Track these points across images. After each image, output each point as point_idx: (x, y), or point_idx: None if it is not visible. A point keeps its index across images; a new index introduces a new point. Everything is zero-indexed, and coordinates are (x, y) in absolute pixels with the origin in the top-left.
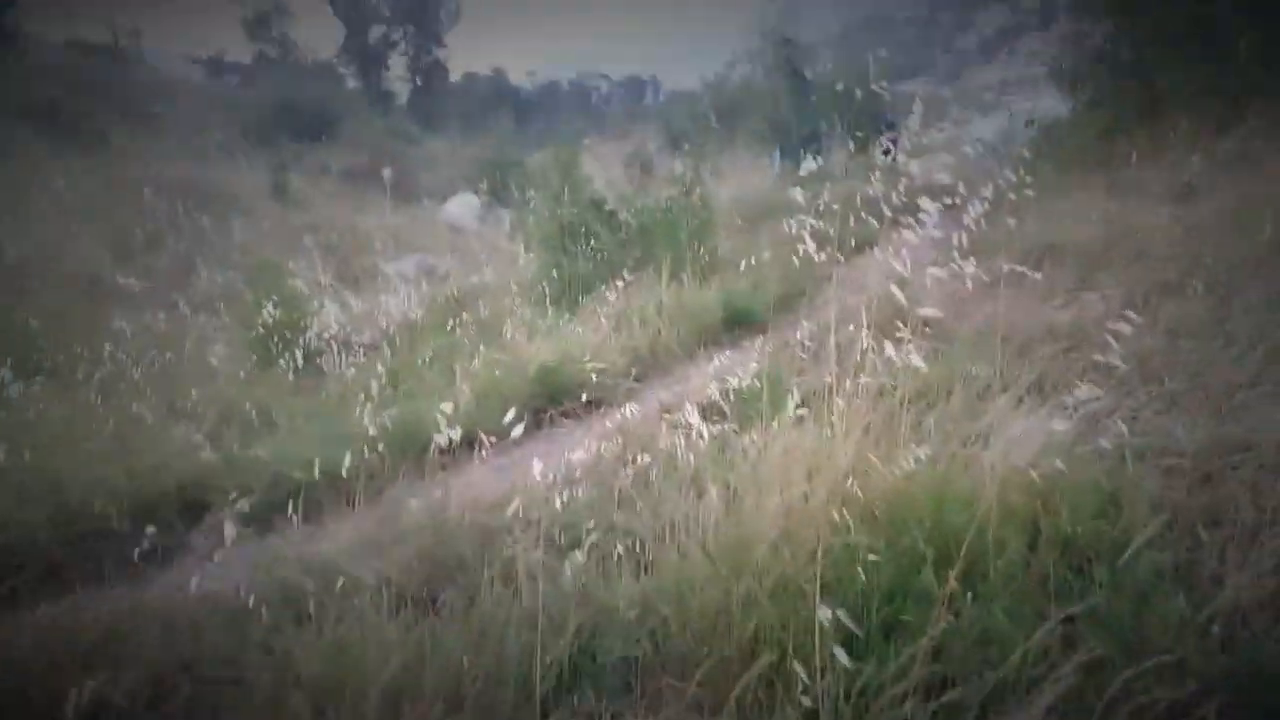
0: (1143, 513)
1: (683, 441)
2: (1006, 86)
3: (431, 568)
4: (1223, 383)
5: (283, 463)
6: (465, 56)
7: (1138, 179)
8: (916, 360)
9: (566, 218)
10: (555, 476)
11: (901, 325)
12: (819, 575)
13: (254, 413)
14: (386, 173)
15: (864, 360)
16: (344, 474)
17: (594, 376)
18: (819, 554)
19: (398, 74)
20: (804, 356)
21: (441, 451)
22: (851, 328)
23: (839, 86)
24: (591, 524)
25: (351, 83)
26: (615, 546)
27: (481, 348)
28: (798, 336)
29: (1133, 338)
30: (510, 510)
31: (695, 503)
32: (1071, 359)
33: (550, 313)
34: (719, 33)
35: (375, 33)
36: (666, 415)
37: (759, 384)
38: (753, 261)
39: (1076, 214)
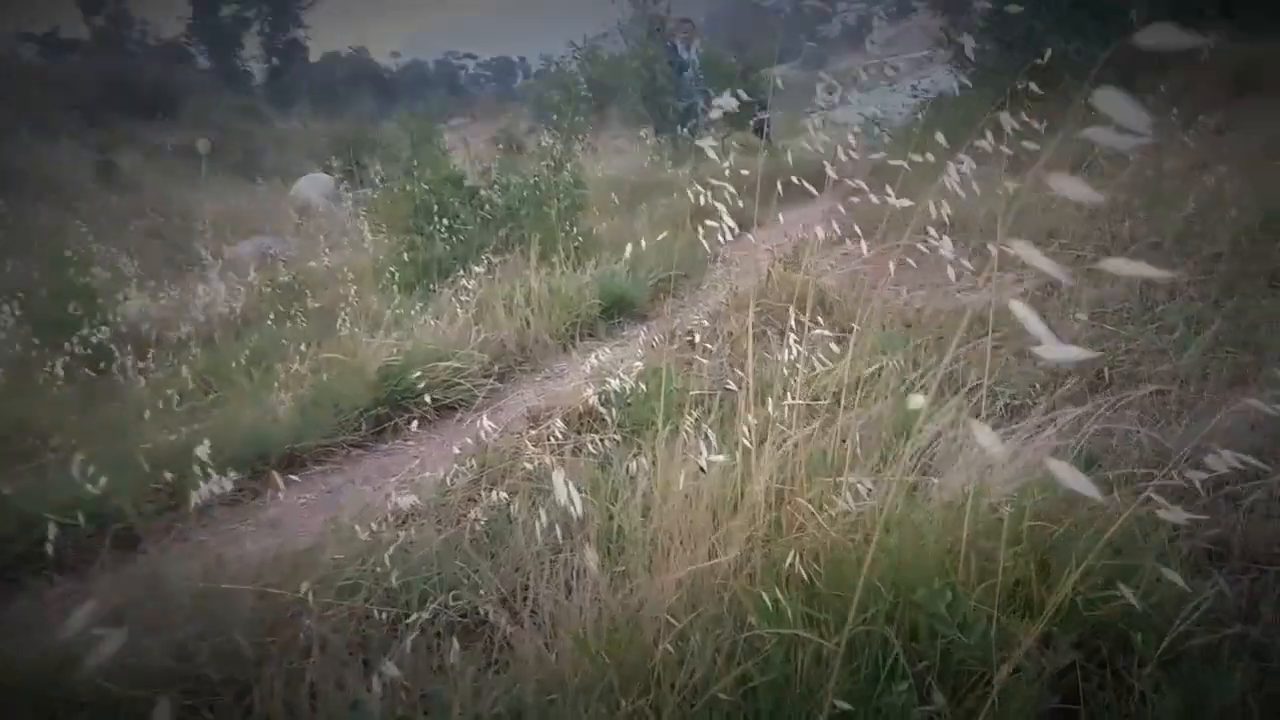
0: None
1: (551, 462)
2: (883, 68)
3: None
4: (1167, 376)
5: (31, 502)
6: (329, 36)
7: (1037, 152)
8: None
9: (420, 195)
10: (386, 515)
11: (800, 313)
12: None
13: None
14: (202, 144)
15: (764, 357)
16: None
17: (449, 377)
18: (738, 649)
19: (253, 53)
20: (694, 351)
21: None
22: (743, 316)
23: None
24: (426, 587)
25: (203, 62)
26: (454, 628)
27: (314, 344)
28: (685, 326)
29: (1058, 324)
30: (304, 587)
31: (568, 558)
32: (993, 347)
33: (398, 301)
34: (587, 16)
35: (228, 10)
36: (533, 426)
37: (643, 387)
38: (641, 246)
39: (975, 189)
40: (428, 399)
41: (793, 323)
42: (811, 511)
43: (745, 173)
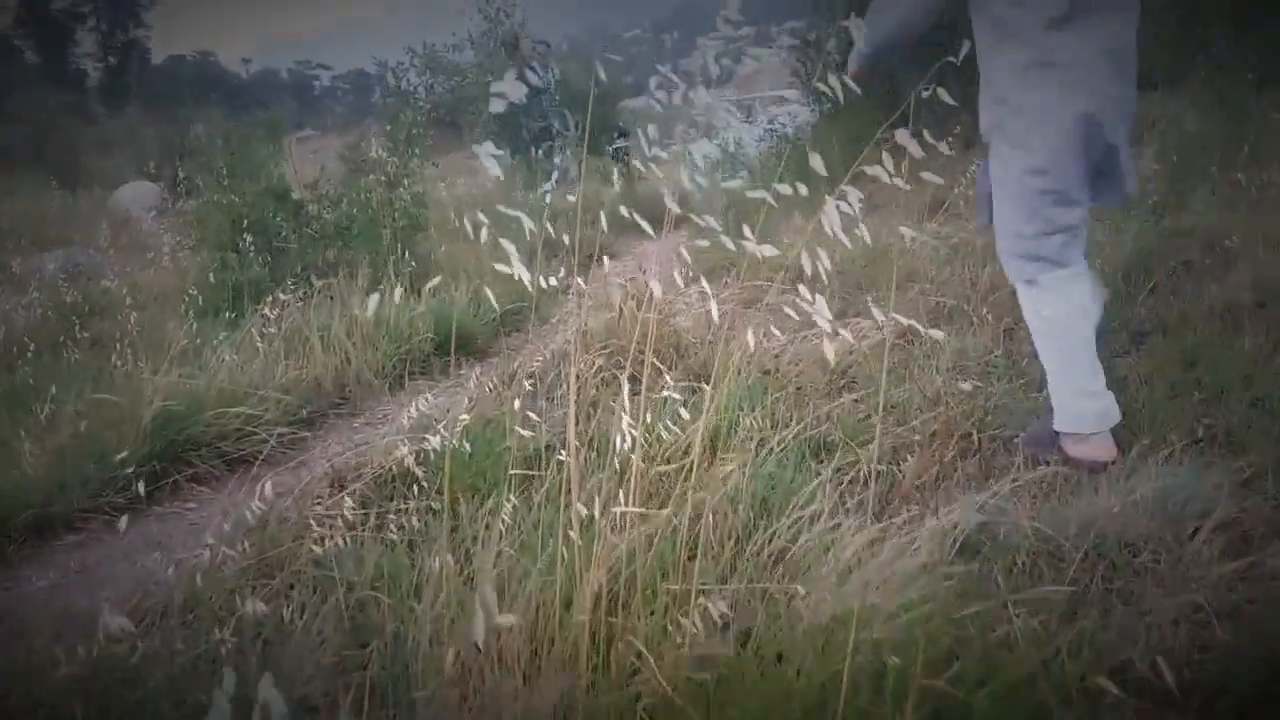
0: None
1: (344, 544)
2: (741, 104)
3: None
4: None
5: None
6: (178, 38)
7: (892, 192)
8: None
9: (239, 208)
10: (135, 617)
11: (656, 362)
12: None
13: None
14: None
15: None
16: None
17: (241, 424)
18: None
19: (88, 51)
20: (532, 401)
21: None
22: (590, 360)
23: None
24: None
25: (32, 57)
26: None
27: (89, 380)
28: (527, 368)
29: (922, 377)
30: None
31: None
32: (857, 404)
33: (195, 329)
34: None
35: (60, 3)
36: (338, 488)
37: (467, 447)
38: (485, 274)
39: (830, 230)
40: (215, 450)
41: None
42: (645, 655)
43: (601, 200)
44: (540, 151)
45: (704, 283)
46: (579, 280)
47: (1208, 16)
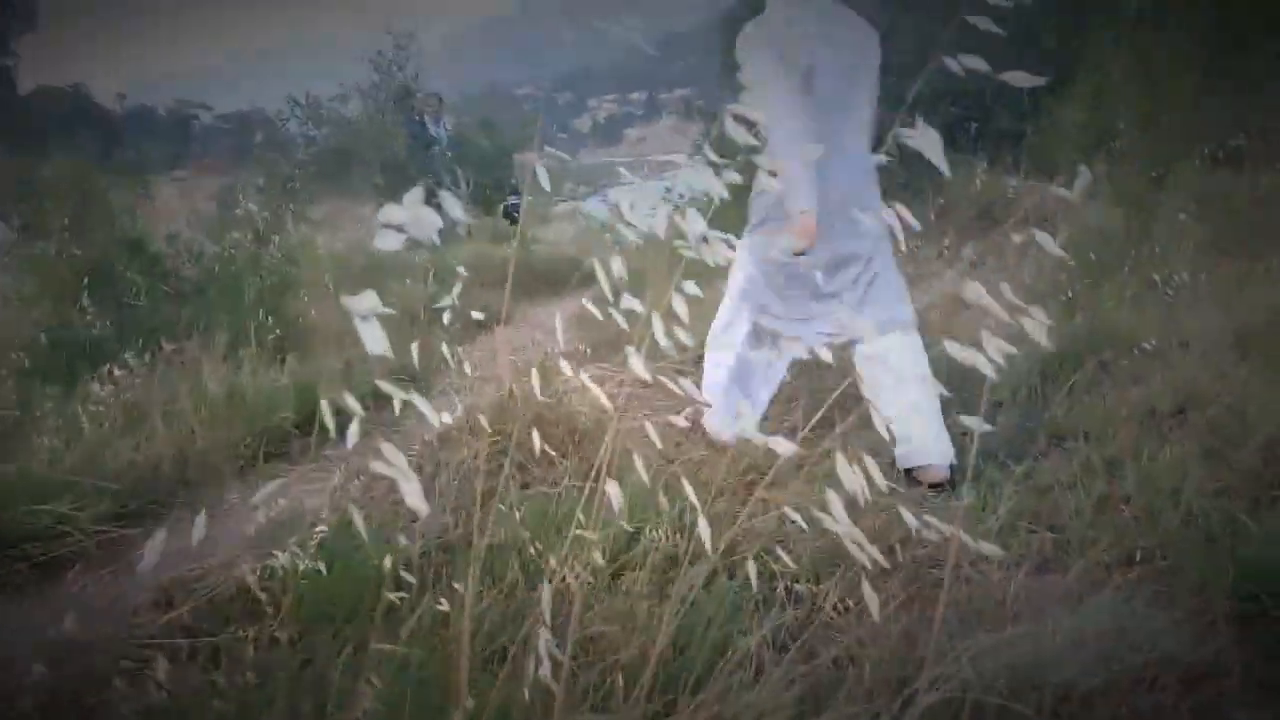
0: None
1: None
2: (635, 165)
3: None
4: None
5: None
6: (50, 68)
7: None
8: None
9: (83, 259)
10: None
11: (549, 449)
12: None
13: None
14: None
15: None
16: None
17: (51, 523)
18: None
19: None
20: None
21: None
22: (472, 454)
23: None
24: None
25: None
26: None
27: None
28: (397, 460)
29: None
30: None
31: None
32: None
33: (13, 401)
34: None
35: None
36: (165, 610)
37: (321, 568)
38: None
39: None
40: (20, 553)
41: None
42: None
43: (493, 261)
44: (430, 208)
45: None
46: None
47: (1111, 108)
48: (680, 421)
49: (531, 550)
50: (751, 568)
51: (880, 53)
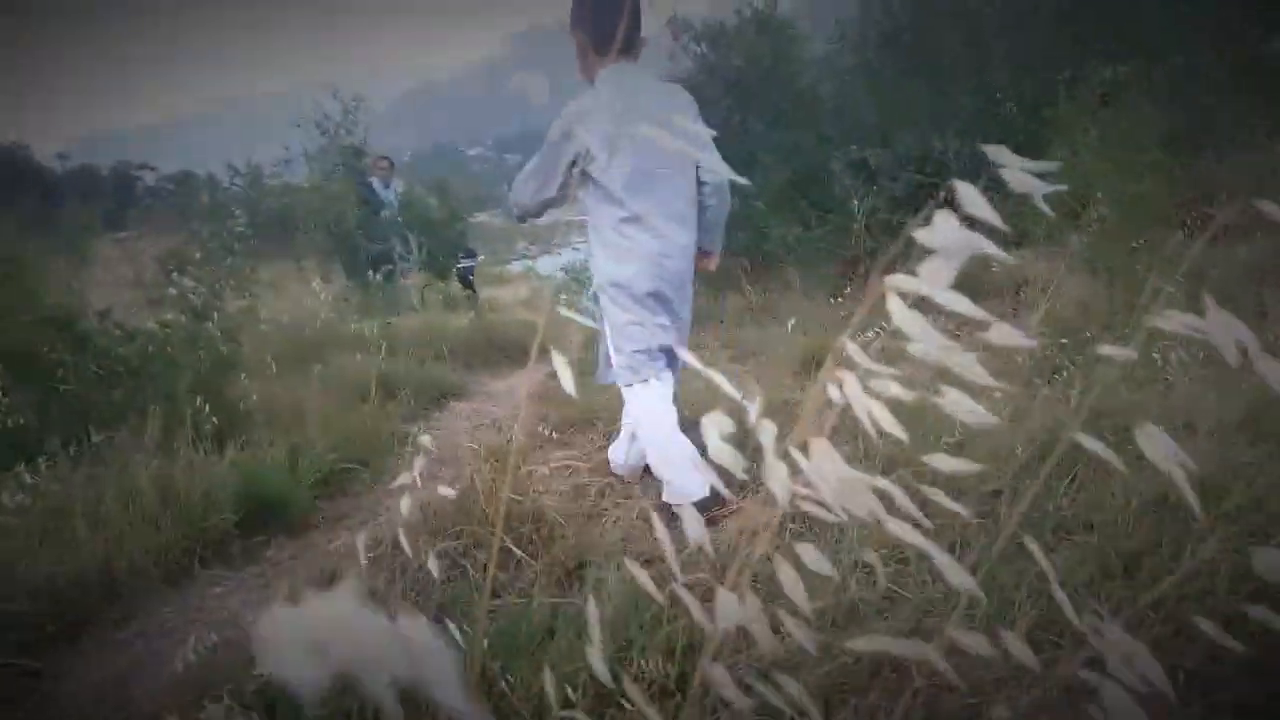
0: None
1: None
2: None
3: None
4: None
5: None
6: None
7: (759, 340)
8: None
9: (3, 339)
10: None
11: (518, 550)
12: None
13: None
14: None
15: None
16: None
17: None
18: None
19: None
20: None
21: None
22: (436, 542)
23: (433, 204)
24: None
25: None
26: None
27: None
28: (356, 555)
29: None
30: None
31: None
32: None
33: None
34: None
35: None
36: None
37: None
38: (308, 423)
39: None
40: None
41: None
42: None
43: (446, 332)
44: (379, 275)
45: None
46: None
47: (1080, 178)
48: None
49: (503, 684)
50: None
51: (694, 111)
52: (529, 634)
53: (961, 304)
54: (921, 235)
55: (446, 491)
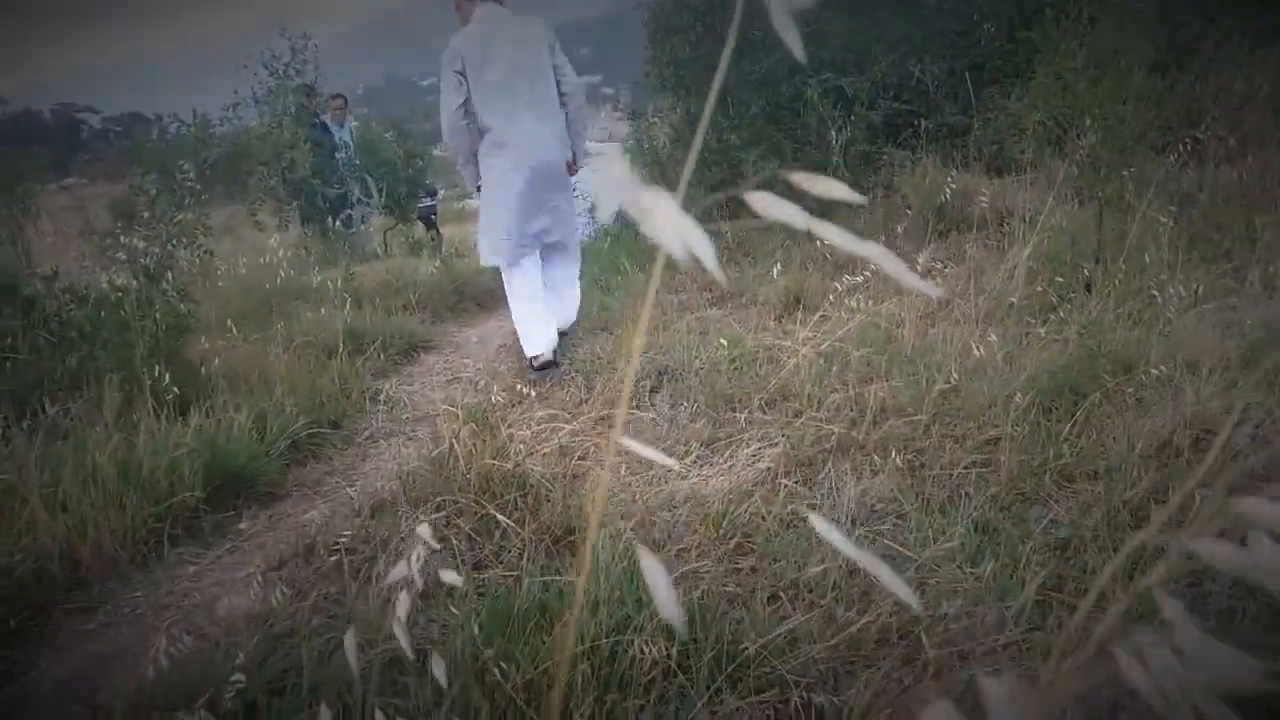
0: None
1: None
2: None
3: None
4: None
5: None
6: None
7: (739, 282)
8: None
9: None
10: None
11: (505, 519)
12: None
13: None
14: None
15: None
16: None
17: None
18: None
19: None
20: (339, 581)
21: None
22: (420, 512)
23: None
24: None
25: None
26: None
27: None
28: (331, 534)
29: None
30: None
31: None
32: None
33: None
34: (233, 68)
35: None
36: None
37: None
38: (274, 386)
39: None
40: None
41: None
42: None
43: (414, 278)
44: (338, 222)
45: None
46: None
47: (1063, 101)
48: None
49: (496, 672)
50: None
51: (549, 38)
52: (523, 613)
53: (832, 233)
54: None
55: (422, 454)
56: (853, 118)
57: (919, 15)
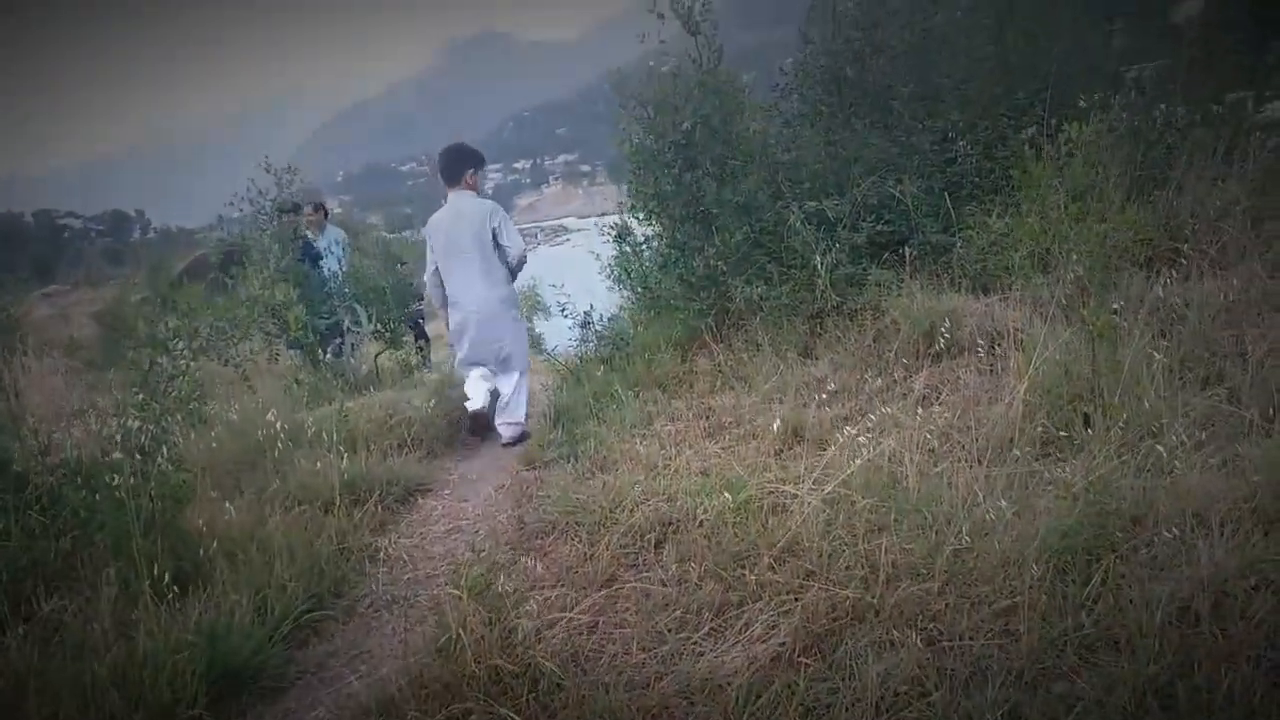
0: None
1: None
2: (528, 233)
3: None
4: None
5: None
6: None
7: (734, 409)
8: None
9: None
10: None
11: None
12: None
13: None
14: None
15: None
16: None
17: None
18: None
19: None
20: None
21: None
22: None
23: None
24: None
25: None
26: None
27: None
28: None
29: None
30: None
31: None
32: None
33: None
34: (217, 166)
35: None
36: None
37: None
38: (275, 556)
39: (673, 457)
40: None
41: None
42: None
43: (410, 412)
44: (329, 352)
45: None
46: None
47: (1043, 218)
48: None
49: None
50: None
51: (493, 219)
52: None
53: None
54: None
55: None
56: (836, 240)
57: (895, 136)
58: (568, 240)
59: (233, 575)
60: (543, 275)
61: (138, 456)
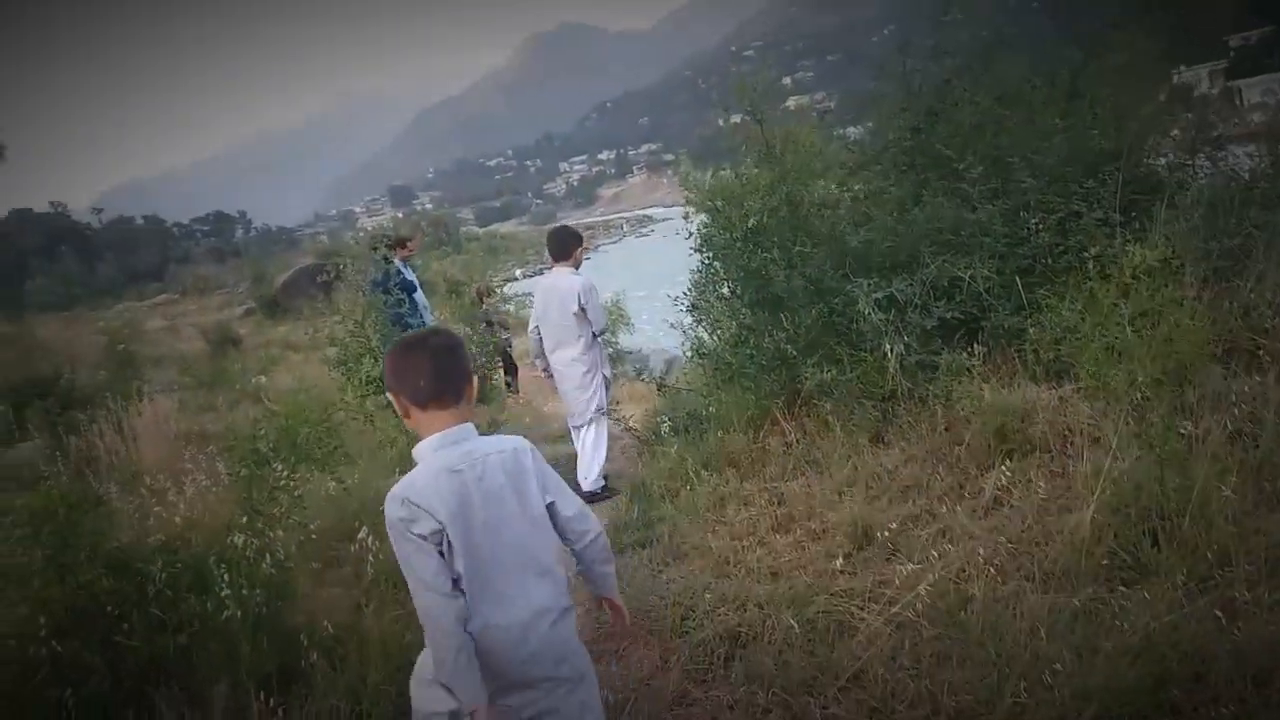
0: None
1: None
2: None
3: None
4: None
5: None
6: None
7: (804, 498)
8: None
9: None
10: None
11: None
12: None
13: None
14: None
15: None
16: None
17: None
18: None
19: None
20: None
21: None
22: None
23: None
24: None
25: None
26: None
27: None
28: None
29: None
30: None
31: None
32: None
33: None
34: (316, 163)
35: None
36: None
37: None
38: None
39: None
40: None
41: None
42: None
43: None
44: None
45: None
46: None
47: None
48: None
49: None
50: None
51: (582, 297)
52: None
53: None
54: None
55: None
56: (906, 323)
57: (963, 212)
58: (653, 231)
59: (330, 675)
60: (628, 287)
61: (246, 561)
